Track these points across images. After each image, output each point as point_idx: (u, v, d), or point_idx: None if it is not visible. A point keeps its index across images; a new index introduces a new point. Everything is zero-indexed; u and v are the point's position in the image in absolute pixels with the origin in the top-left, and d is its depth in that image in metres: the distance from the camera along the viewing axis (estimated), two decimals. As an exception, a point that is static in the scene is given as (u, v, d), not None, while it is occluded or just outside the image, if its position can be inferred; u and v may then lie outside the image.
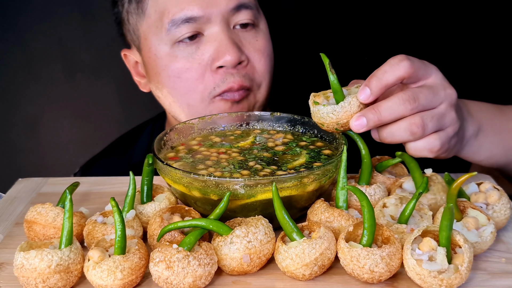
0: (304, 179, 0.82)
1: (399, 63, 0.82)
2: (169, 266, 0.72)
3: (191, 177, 0.83)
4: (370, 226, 0.74)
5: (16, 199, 1.03)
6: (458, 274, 0.70)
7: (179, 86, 1.19)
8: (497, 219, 0.84)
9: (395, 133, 0.83)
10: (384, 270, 0.72)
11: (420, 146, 0.85)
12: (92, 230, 0.83)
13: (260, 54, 1.19)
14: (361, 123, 0.83)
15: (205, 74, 1.16)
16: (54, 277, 0.73)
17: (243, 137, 1.02)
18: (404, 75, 0.83)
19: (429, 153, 0.86)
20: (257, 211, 0.83)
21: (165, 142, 0.98)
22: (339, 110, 0.84)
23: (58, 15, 1.89)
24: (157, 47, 1.19)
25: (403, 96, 0.82)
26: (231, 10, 1.15)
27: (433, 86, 0.85)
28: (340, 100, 0.84)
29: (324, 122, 0.86)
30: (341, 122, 0.84)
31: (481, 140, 0.99)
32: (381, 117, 0.82)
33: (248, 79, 1.17)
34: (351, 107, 0.83)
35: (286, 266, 0.75)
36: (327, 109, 0.84)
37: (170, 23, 1.15)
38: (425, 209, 0.83)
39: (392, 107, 0.82)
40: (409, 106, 0.81)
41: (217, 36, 1.15)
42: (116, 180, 1.08)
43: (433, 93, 0.84)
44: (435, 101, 0.84)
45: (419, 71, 0.84)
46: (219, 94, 1.17)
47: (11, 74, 1.95)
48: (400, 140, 0.84)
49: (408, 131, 0.83)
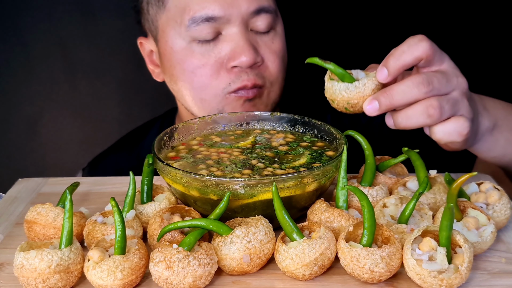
0: (304, 179, 0.82)
1: (418, 43, 0.81)
2: (169, 266, 0.72)
3: (191, 177, 0.83)
4: (370, 226, 0.74)
5: (16, 199, 1.03)
6: (458, 274, 0.70)
7: (193, 81, 1.20)
8: (497, 219, 0.84)
9: (411, 116, 0.81)
10: (384, 270, 0.72)
11: (449, 129, 0.83)
12: (92, 230, 0.83)
13: (275, 55, 1.21)
14: (373, 107, 0.81)
15: (220, 72, 1.18)
16: (54, 277, 0.73)
17: (244, 137, 1.03)
18: (423, 55, 0.81)
19: (458, 136, 0.83)
20: (257, 211, 0.83)
21: (165, 142, 0.98)
22: (352, 89, 0.83)
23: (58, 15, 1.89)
24: (174, 41, 1.20)
25: (417, 79, 0.80)
26: (251, 13, 1.16)
27: (446, 72, 0.83)
28: (350, 82, 0.84)
29: (335, 98, 0.84)
30: (352, 102, 0.83)
31: (496, 136, 0.97)
32: (394, 100, 0.80)
33: (261, 77, 1.20)
34: (365, 89, 0.82)
35: (286, 266, 0.75)
36: (341, 86, 0.83)
37: (190, 20, 1.16)
38: (425, 209, 0.83)
39: (405, 90, 0.80)
40: (423, 89, 0.80)
41: (235, 36, 1.16)
42: (116, 180, 1.08)
43: (446, 79, 0.82)
44: (448, 87, 0.82)
45: (435, 54, 0.82)
46: (233, 91, 1.18)
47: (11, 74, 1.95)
48: (416, 124, 0.82)
49: (425, 113, 0.80)
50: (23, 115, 2.00)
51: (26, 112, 2.00)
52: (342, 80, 0.84)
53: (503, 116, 0.98)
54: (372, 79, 0.83)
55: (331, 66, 0.83)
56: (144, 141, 1.47)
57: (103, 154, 1.53)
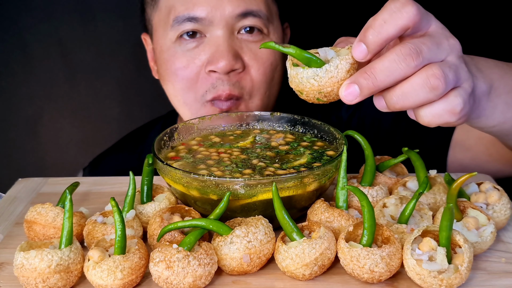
0: (304, 179, 0.82)
1: (402, 9, 0.66)
2: (169, 266, 0.72)
3: (191, 177, 0.83)
4: (370, 226, 0.74)
5: (16, 199, 1.03)
6: (458, 274, 0.70)
7: (176, 82, 1.21)
8: (497, 219, 0.84)
9: (409, 93, 0.67)
10: (384, 270, 0.72)
11: (438, 110, 0.69)
12: (92, 230, 0.83)
13: (260, 62, 1.18)
14: (352, 92, 0.67)
15: (199, 76, 1.18)
16: (54, 277, 0.73)
17: (243, 137, 1.03)
18: (409, 23, 0.67)
19: (451, 116, 0.69)
20: (257, 211, 0.83)
21: (165, 142, 0.98)
22: (323, 75, 0.68)
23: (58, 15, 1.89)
24: (162, 41, 1.21)
25: (403, 50, 0.66)
26: (237, 16, 1.15)
27: (435, 36, 0.69)
28: (318, 67, 0.68)
29: (303, 89, 0.69)
30: (324, 91, 0.68)
31: (494, 101, 0.82)
32: (377, 81, 0.67)
33: (238, 87, 1.17)
34: (339, 72, 0.68)
35: (286, 266, 0.75)
36: (308, 73, 0.68)
37: (174, 20, 1.17)
38: (425, 209, 0.83)
39: (391, 66, 0.66)
40: (412, 62, 0.66)
41: (217, 40, 1.15)
42: (116, 180, 1.08)
43: (437, 44, 0.69)
44: (440, 54, 0.69)
45: (423, 18, 0.68)
46: (209, 100, 1.18)
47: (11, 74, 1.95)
48: (417, 102, 0.68)
49: (426, 86, 0.66)
50: (23, 115, 2.00)
51: (26, 112, 2.00)
52: (308, 65, 0.69)
53: (499, 76, 0.83)
54: (345, 57, 0.68)
55: (291, 49, 0.69)
56: (146, 141, 1.47)
57: (104, 154, 1.53)
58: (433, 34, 0.70)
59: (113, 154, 1.51)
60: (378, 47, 0.67)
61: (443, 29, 0.71)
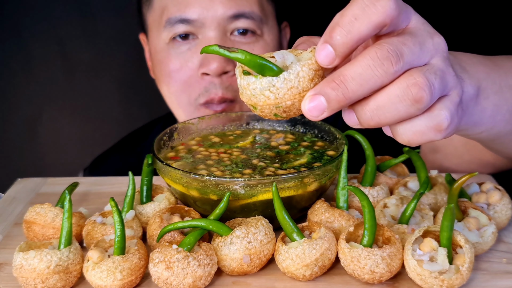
0: (304, 179, 0.82)
1: (375, 2, 0.54)
2: (168, 267, 0.71)
3: (191, 177, 0.82)
4: (370, 226, 0.74)
5: (15, 199, 1.03)
6: (459, 275, 0.70)
7: (171, 85, 1.21)
8: (498, 219, 0.84)
9: (385, 107, 0.55)
10: (385, 271, 0.72)
11: (421, 126, 0.57)
12: (91, 231, 0.82)
13: None
14: (318, 106, 0.55)
15: (192, 78, 1.18)
16: (53, 278, 0.73)
17: (243, 137, 1.02)
18: (385, 20, 0.55)
19: (436, 133, 0.57)
20: (257, 211, 0.83)
21: (165, 142, 0.98)
22: (281, 85, 0.55)
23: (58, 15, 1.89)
24: (156, 42, 1.22)
25: (380, 52, 0.54)
26: (229, 18, 1.14)
27: (417, 34, 0.57)
28: (275, 75, 0.56)
29: (256, 103, 0.56)
30: (283, 105, 0.55)
31: (482, 104, 0.70)
32: (348, 92, 0.55)
33: (231, 90, 1.17)
34: (300, 81, 0.55)
35: (287, 267, 0.75)
36: (262, 83, 0.55)
37: (167, 21, 1.17)
38: (426, 209, 0.83)
39: (364, 73, 0.54)
40: (391, 68, 0.54)
41: (209, 41, 1.15)
42: (115, 180, 1.08)
43: (419, 43, 0.57)
44: (423, 56, 0.57)
45: (402, 13, 0.56)
46: (203, 103, 1.18)
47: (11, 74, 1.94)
48: (396, 118, 0.56)
49: (407, 99, 0.54)
50: (22, 115, 2.00)
51: (25, 112, 2.00)
52: (262, 73, 0.56)
53: (485, 74, 0.71)
54: (308, 63, 0.56)
55: (239, 54, 0.55)
56: (146, 141, 1.47)
57: (105, 154, 1.53)
58: (414, 32, 0.58)
59: (113, 155, 1.51)
60: (348, 50, 0.55)
61: (424, 24, 0.59)
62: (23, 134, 2.03)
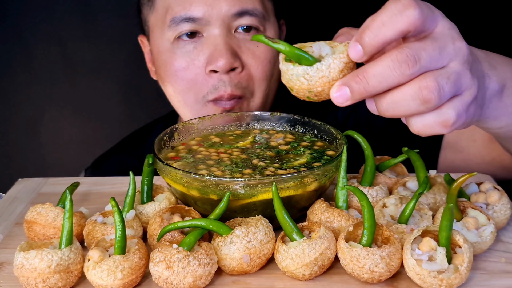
0: (304, 179, 0.82)
1: (403, 12, 0.61)
2: (169, 266, 0.72)
3: (191, 177, 0.83)
4: (370, 226, 0.74)
5: (16, 199, 1.03)
6: (458, 274, 0.70)
7: (176, 83, 1.21)
8: (497, 219, 0.84)
9: (399, 103, 0.63)
10: (384, 270, 0.72)
11: (430, 121, 0.65)
12: (92, 230, 0.83)
13: (259, 61, 1.18)
14: (343, 95, 0.64)
15: (200, 76, 1.18)
16: (54, 277, 0.73)
17: (243, 137, 1.03)
18: (409, 28, 0.62)
19: (443, 128, 0.65)
20: (257, 211, 0.83)
21: (165, 142, 0.98)
22: (313, 74, 0.64)
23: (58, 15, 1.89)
24: (159, 42, 1.21)
25: (399, 56, 0.62)
26: (233, 15, 1.15)
27: (439, 39, 0.64)
28: (309, 65, 0.65)
29: (293, 86, 0.66)
30: (314, 90, 0.64)
31: (505, 101, 0.77)
32: (369, 87, 0.63)
33: (240, 88, 1.17)
34: (330, 71, 0.64)
35: (286, 266, 0.75)
36: (298, 71, 0.64)
37: (171, 20, 1.17)
38: (425, 209, 0.83)
39: (384, 73, 0.62)
40: (407, 70, 0.62)
41: (214, 39, 1.15)
42: (116, 180, 1.09)
43: (439, 48, 0.63)
44: (442, 59, 0.64)
45: (427, 21, 0.63)
46: (211, 100, 1.18)
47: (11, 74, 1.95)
48: (407, 112, 0.64)
49: (418, 98, 0.62)
50: (23, 115, 2.00)
51: (26, 112, 2.00)
52: (299, 62, 0.65)
53: (511, 74, 0.78)
54: (340, 56, 0.64)
55: (281, 45, 0.65)
56: (148, 141, 1.47)
57: (106, 155, 1.53)
58: (438, 36, 0.64)
59: (114, 155, 1.51)
60: (374, 50, 0.63)
61: (450, 29, 0.65)
62: (24, 134, 2.03)
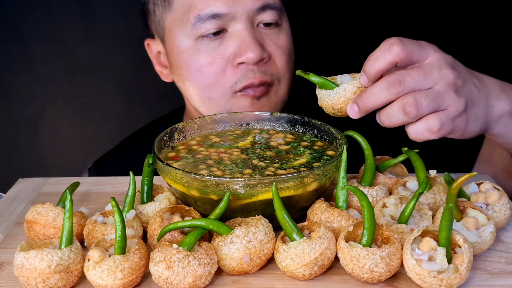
0: (304, 179, 0.82)
1: (389, 48, 0.81)
2: (169, 266, 0.72)
3: (191, 177, 0.83)
4: (370, 226, 0.74)
5: (16, 199, 1.03)
6: (457, 274, 0.70)
7: (200, 80, 1.21)
8: (497, 219, 0.84)
9: (390, 115, 0.82)
10: (384, 270, 0.72)
11: (419, 128, 0.82)
12: (92, 230, 0.83)
13: (282, 51, 1.22)
14: (353, 110, 0.84)
15: (226, 69, 1.18)
16: (54, 277, 0.73)
17: (243, 137, 1.03)
18: (396, 59, 0.81)
19: (430, 134, 0.82)
20: (257, 211, 0.83)
21: (165, 142, 0.98)
22: (334, 95, 0.86)
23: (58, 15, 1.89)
24: (180, 40, 1.21)
25: (388, 80, 0.80)
26: (256, 9, 1.17)
27: (426, 67, 0.82)
28: (331, 89, 0.87)
29: (323, 105, 0.88)
30: (336, 107, 0.86)
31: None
32: (368, 103, 0.82)
33: (268, 74, 1.20)
34: (345, 93, 0.85)
35: (286, 266, 0.75)
36: (324, 94, 0.87)
37: (196, 18, 1.17)
38: (425, 209, 0.83)
39: (377, 92, 0.81)
40: (393, 89, 0.80)
41: (240, 33, 1.17)
42: (116, 180, 1.09)
43: (424, 73, 0.81)
44: (426, 83, 0.81)
45: (413, 54, 0.82)
46: (240, 89, 1.19)
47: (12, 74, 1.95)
48: (396, 122, 0.82)
49: (401, 111, 0.80)
50: (23, 115, 2.00)
51: (26, 112, 2.00)
52: (324, 88, 0.87)
53: None
54: (353, 82, 0.85)
55: (313, 77, 0.87)
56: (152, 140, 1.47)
57: (110, 153, 1.53)
58: (425, 65, 0.82)
59: (118, 154, 1.51)
60: (374, 77, 0.82)
61: (440, 60, 0.83)
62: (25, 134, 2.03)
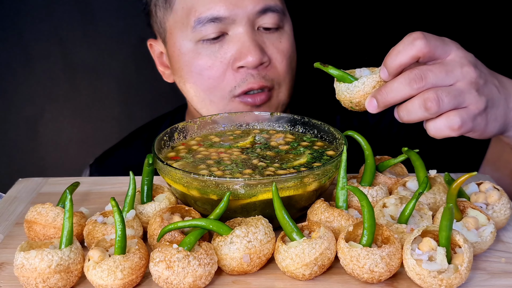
0: (304, 179, 0.82)
1: (413, 42, 0.80)
2: (169, 266, 0.72)
3: (191, 177, 0.83)
4: (370, 226, 0.74)
5: (16, 199, 1.03)
6: (457, 274, 0.70)
7: (201, 83, 1.21)
8: (497, 219, 0.84)
9: (410, 110, 0.81)
10: (384, 270, 0.72)
11: (439, 125, 0.81)
12: (92, 230, 0.83)
13: (282, 55, 1.21)
14: (372, 105, 0.82)
15: (226, 73, 1.18)
16: (54, 277, 0.73)
17: (243, 137, 1.03)
18: (418, 54, 0.80)
19: (450, 131, 0.81)
20: (257, 211, 0.83)
21: (165, 142, 0.98)
22: (352, 89, 0.85)
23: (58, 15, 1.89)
24: (181, 43, 1.21)
25: (410, 75, 0.79)
26: (257, 12, 1.16)
27: (449, 64, 0.81)
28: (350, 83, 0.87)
29: (340, 99, 0.87)
30: (354, 101, 0.85)
31: None
32: (388, 98, 0.81)
33: (268, 79, 1.19)
34: (365, 87, 0.83)
35: (286, 266, 0.75)
36: (342, 87, 0.86)
37: (196, 21, 1.17)
38: (425, 209, 0.83)
39: (398, 87, 0.80)
40: (415, 85, 0.79)
41: (241, 37, 1.16)
42: (116, 180, 1.09)
43: (446, 71, 0.80)
44: (448, 79, 0.80)
45: (436, 50, 0.81)
46: (239, 94, 1.18)
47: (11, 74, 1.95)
48: (416, 118, 0.81)
49: (422, 107, 0.79)
50: (23, 115, 2.00)
51: (26, 112, 2.00)
52: (343, 81, 0.86)
53: None
54: (373, 76, 0.83)
55: (331, 70, 0.86)
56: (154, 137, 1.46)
57: (111, 149, 1.53)
58: (447, 62, 0.81)
59: (119, 151, 1.51)
60: (395, 71, 0.81)
61: (462, 58, 0.82)
62: (24, 134, 2.04)
